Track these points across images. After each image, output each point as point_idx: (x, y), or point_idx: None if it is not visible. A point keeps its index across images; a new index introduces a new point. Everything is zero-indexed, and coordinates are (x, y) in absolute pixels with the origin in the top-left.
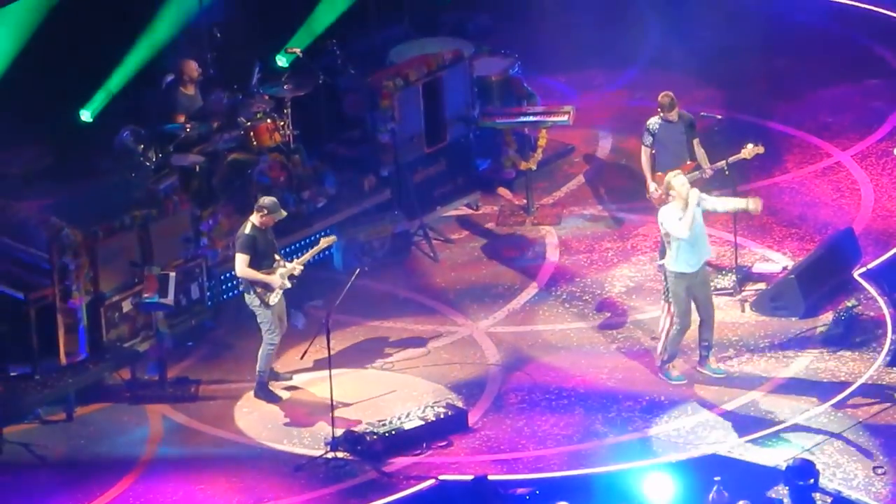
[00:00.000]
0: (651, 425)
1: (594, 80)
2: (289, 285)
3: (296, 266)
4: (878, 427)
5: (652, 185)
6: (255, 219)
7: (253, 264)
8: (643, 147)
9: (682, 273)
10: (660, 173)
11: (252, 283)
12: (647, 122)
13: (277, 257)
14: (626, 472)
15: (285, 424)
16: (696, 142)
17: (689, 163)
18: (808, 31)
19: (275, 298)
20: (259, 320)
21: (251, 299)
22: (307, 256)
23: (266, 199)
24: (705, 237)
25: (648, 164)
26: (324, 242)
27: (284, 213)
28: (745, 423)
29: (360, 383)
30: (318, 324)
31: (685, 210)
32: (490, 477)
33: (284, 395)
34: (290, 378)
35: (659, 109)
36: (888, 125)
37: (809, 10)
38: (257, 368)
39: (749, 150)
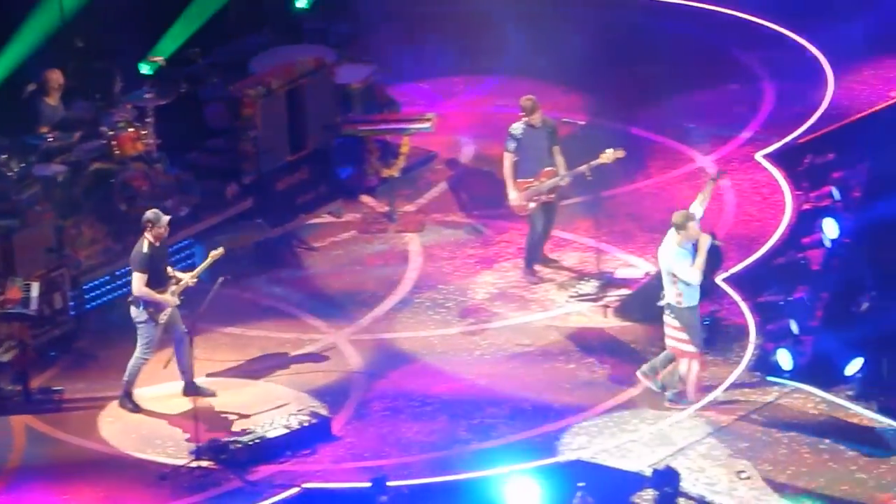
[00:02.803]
0: (515, 431)
1: (456, 88)
2: (178, 302)
3: (188, 280)
4: (741, 432)
5: (513, 193)
6: (148, 235)
7: (150, 281)
8: (506, 153)
9: (695, 306)
10: (520, 180)
11: (145, 302)
12: (511, 128)
13: (171, 270)
14: (490, 478)
15: (149, 434)
16: (556, 149)
17: (548, 169)
18: (669, 36)
19: (164, 317)
20: (139, 333)
21: (138, 314)
22: (199, 270)
23: (148, 213)
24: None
25: (511, 170)
26: (213, 255)
27: (167, 218)
28: (609, 429)
29: (224, 392)
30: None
31: (690, 251)
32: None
33: (148, 405)
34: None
35: (522, 113)
36: (750, 130)
37: (671, 15)
38: (124, 378)
39: (609, 155)
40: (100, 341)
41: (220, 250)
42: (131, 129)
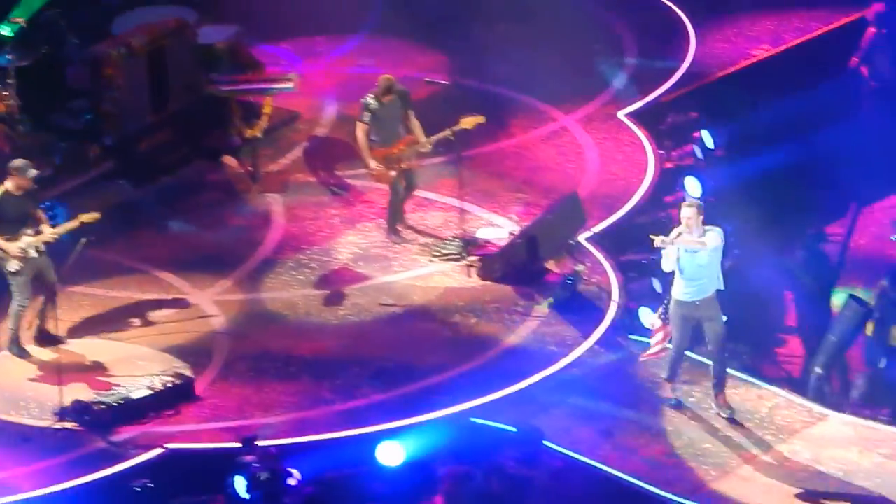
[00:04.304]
0: (379, 391)
1: (318, 48)
2: (33, 255)
3: (47, 235)
4: (603, 390)
5: (372, 162)
6: (8, 184)
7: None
8: (359, 123)
9: (676, 300)
10: (379, 148)
11: None
12: (364, 100)
13: (44, 227)
14: (355, 438)
15: (12, 395)
16: (410, 114)
17: (408, 137)
18: None
19: (14, 266)
20: (9, 281)
21: None
22: (62, 228)
23: (15, 161)
24: (708, 276)
25: (365, 140)
26: (84, 218)
27: (35, 172)
28: (473, 389)
29: (87, 352)
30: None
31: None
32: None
33: (12, 365)
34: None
35: (376, 88)
36: (612, 89)
37: None
38: (9, 326)
39: (468, 121)
40: None
41: (96, 215)
42: None
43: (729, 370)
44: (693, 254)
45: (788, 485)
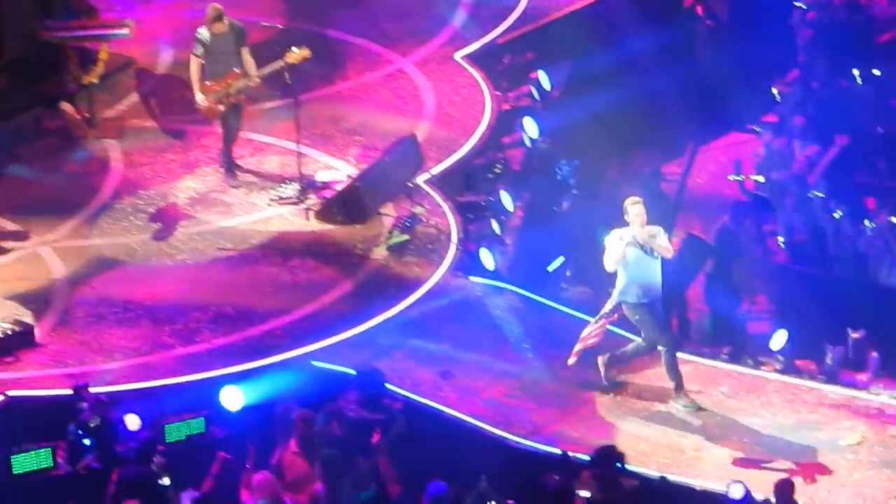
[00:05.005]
0: (219, 335)
1: None
2: None
3: None
4: (444, 332)
5: (200, 95)
6: None
7: None
8: (192, 56)
9: (631, 304)
10: (208, 83)
11: None
12: (197, 32)
13: None
14: (195, 382)
15: None
16: (244, 51)
17: (235, 71)
18: None
19: None
20: None
21: None
22: None
23: None
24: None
25: (197, 74)
26: None
27: None
28: (313, 332)
29: None
30: None
31: (626, 240)
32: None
33: None
34: None
35: (205, 18)
36: (448, 31)
37: None
38: None
39: (295, 55)
40: None
41: None
42: None
43: (576, 312)
44: (649, 255)
45: (630, 424)
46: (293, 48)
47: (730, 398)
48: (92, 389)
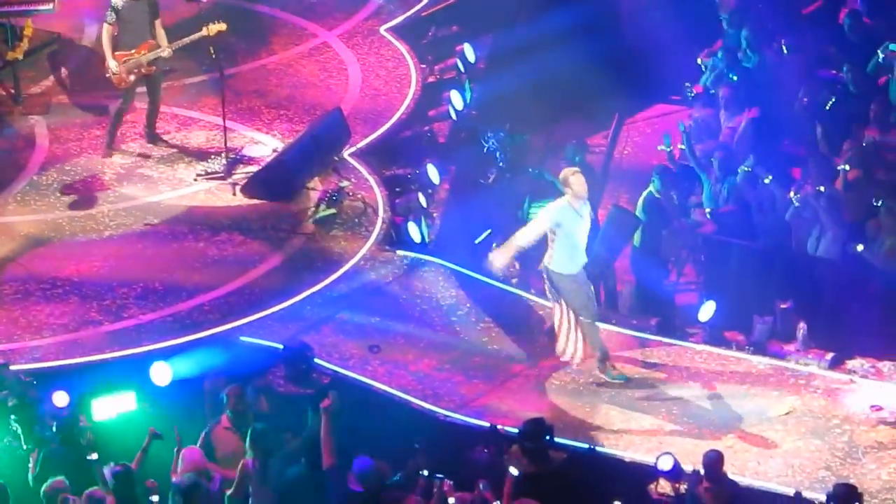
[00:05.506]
0: (146, 311)
1: None
2: None
3: None
4: (371, 305)
5: (112, 63)
6: None
7: None
8: (105, 24)
9: (561, 273)
10: (120, 52)
11: None
12: (111, 0)
13: None
14: (124, 358)
15: None
16: (157, 22)
17: (148, 41)
18: None
19: None
20: None
21: None
22: None
23: None
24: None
25: (109, 42)
26: None
27: None
28: (240, 307)
29: None
30: None
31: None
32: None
33: None
34: None
35: None
36: (372, 4)
37: None
38: None
39: (210, 28)
40: None
41: None
42: None
43: (503, 284)
44: (582, 225)
45: (558, 396)
46: (209, 23)
47: (658, 369)
48: (16, 367)
